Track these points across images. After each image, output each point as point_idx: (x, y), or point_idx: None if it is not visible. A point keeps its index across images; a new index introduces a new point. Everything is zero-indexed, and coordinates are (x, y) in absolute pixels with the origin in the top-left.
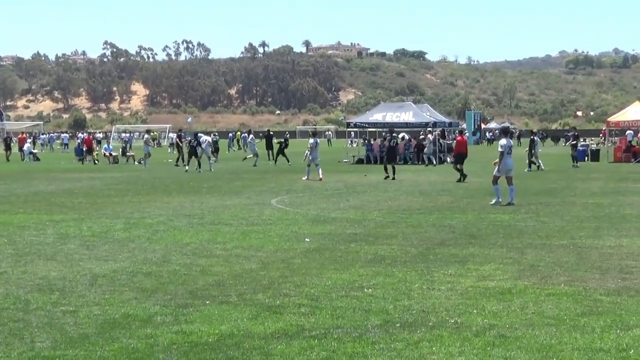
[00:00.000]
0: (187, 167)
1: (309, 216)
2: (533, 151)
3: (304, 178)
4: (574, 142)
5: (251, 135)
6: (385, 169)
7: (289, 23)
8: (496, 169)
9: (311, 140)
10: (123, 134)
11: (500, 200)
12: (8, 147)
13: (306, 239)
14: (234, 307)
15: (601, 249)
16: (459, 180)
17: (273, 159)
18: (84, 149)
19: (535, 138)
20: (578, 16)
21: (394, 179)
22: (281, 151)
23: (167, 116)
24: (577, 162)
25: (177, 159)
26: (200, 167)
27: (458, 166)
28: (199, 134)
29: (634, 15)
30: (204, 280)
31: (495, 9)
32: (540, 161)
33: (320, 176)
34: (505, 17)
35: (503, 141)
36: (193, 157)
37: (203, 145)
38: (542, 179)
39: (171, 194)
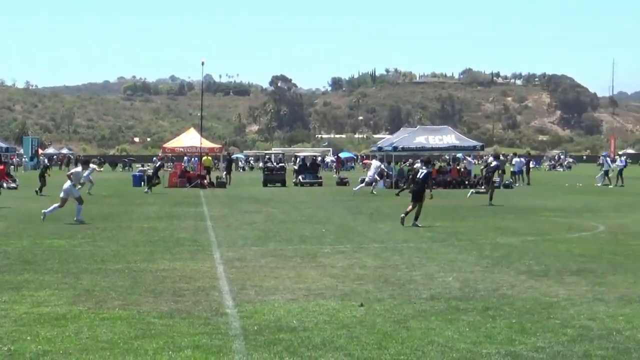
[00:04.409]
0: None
1: None
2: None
3: None
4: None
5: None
6: None
7: None
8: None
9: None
10: None
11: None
12: None
13: None
14: None
15: (155, 272)
16: None
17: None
18: None
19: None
20: (135, 43)
21: None
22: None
23: None
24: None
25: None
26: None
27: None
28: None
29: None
30: None
31: (55, 33)
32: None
33: None
34: (61, 41)
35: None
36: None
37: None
38: (100, 204)
39: None
